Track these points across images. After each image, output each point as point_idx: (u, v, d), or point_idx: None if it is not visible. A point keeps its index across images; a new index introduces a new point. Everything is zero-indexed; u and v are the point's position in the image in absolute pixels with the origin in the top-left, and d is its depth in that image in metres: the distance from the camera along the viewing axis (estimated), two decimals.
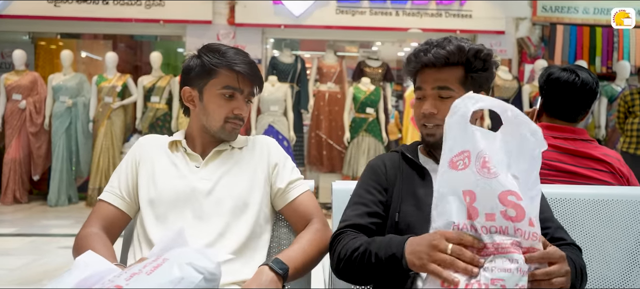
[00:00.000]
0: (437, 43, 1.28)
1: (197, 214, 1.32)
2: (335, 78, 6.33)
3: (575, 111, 1.73)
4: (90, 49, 6.99)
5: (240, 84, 1.38)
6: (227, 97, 1.38)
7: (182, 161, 1.41)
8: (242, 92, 1.39)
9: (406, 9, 5.97)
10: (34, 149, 5.90)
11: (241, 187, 1.37)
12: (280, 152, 1.48)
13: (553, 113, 1.76)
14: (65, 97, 5.76)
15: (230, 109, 1.38)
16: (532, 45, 6.02)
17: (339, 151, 6.16)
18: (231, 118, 1.39)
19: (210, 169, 1.39)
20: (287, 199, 1.42)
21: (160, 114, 5.77)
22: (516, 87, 5.68)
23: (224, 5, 5.96)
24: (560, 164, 1.67)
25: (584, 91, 1.70)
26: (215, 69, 1.37)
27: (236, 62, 1.37)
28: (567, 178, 1.65)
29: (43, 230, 4.68)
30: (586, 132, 1.74)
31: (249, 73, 1.38)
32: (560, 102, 1.73)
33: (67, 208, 5.72)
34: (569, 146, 1.68)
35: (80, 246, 1.27)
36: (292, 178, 1.44)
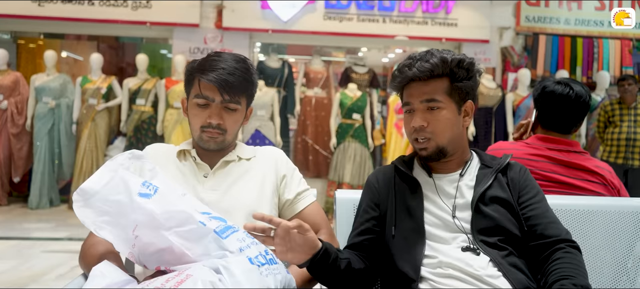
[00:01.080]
0: (420, 57, 1.32)
1: None
2: (322, 83, 6.36)
3: (569, 123, 1.79)
4: (74, 50, 6.89)
5: (208, 93, 1.35)
6: (201, 105, 1.37)
7: (190, 170, 1.41)
8: (214, 101, 1.36)
9: (393, 16, 6.03)
10: (15, 151, 5.79)
11: (249, 198, 1.38)
12: (288, 163, 1.49)
13: (548, 125, 1.81)
14: (48, 98, 5.67)
15: (204, 117, 1.37)
16: (515, 54, 6.13)
17: (325, 156, 6.19)
18: (205, 127, 1.37)
19: (218, 179, 1.39)
20: (295, 210, 1.44)
21: (145, 117, 5.72)
22: (500, 96, 5.78)
23: (212, 9, 5.94)
24: (555, 175, 1.72)
25: (578, 104, 1.76)
26: (191, 78, 1.39)
27: (203, 69, 1.35)
28: (561, 189, 1.70)
29: (24, 233, 4.60)
30: (579, 145, 1.80)
31: (217, 82, 1.32)
32: (554, 114, 1.78)
33: (49, 211, 5.62)
34: (563, 157, 1.74)
35: (88, 254, 1.26)
36: (300, 189, 1.46)
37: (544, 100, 1.81)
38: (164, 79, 5.75)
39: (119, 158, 1.18)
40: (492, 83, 5.88)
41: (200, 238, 1.03)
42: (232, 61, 1.37)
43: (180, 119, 5.57)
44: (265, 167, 1.45)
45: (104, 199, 1.09)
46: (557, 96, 1.77)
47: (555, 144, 1.77)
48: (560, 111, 1.77)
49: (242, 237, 1.07)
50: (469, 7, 6.07)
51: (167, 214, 1.05)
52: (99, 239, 1.29)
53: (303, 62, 7.12)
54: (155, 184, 1.11)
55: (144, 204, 1.06)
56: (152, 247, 1.06)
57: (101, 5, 5.78)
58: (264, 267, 1.02)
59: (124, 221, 1.08)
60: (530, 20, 6.21)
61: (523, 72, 5.80)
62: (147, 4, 5.81)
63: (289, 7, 5.91)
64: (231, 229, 1.07)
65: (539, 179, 1.73)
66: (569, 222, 1.59)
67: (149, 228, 1.05)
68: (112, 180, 1.10)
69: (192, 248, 1.02)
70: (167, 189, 1.12)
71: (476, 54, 6.17)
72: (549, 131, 1.81)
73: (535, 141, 1.80)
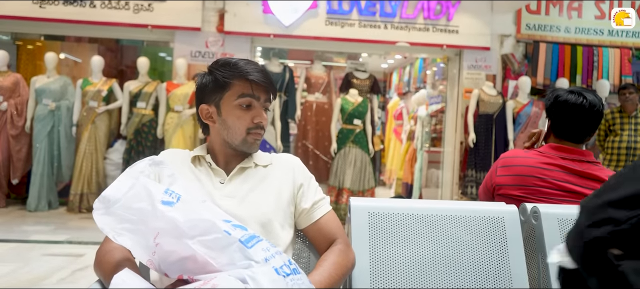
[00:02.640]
0: None
1: None
2: (323, 88, 6.37)
3: (583, 133, 1.79)
4: (75, 52, 6.87)
5: (255, 91, 1.37)
6: (244, 107, 1.38)
7: (206, 176, 1.40)
8: (259, 100, 1.39)
9: (394, 22, 6.05)
10: (14, 152, 5.76)
11: (266, 206, 1.37)
12: (305, 172, 1.49)
13: (561, 135, 1.81)
14: (48, 100, 5.65)
15: (250, 118, 1.38)
16: (516, 61, 6.16)
17: (325, 161, 6.19)
18: (252, 128, 1.38)
19: (235, 186, 1.38)
20: (312, 219, 1.43)
21: (146, 120, 5.71)
22: (500, 103, 5.80)
23: (214, 13, 5.94)
24: (568, 184, 1.72)
25: (591, 113, 1.76)
26: (229, 81, 1.37)
27: (248, 71, 1.37)
28: (574, 198, 1.71)
29: (23, 236, 4.56)
30: (592, 155, 1.80)
31: (263, 80, 1.38)
32: (568, 124, 1.79)
33: (47, 213, 5.58)
34: (576, 167, 1.74)
35: (104, 261, 1.25)
36: (317, 198, 1.45)
37: (557, 110, 1.81)
38: (165, 82, 5.75)
39: (139, 165, 1.18)
40: (493, 90, 5.90)
41: (225, 247, 1.02)
42: (255, 63, 1.43)
43: (181, 122, 5.56)
44: (282, 176, 1.44)
45: (126, 207, 1.08)
46: (570, 105, 1.78)
47: (569, 154, 1.77)
48: (574, 121, 1.77)
49: (266, 247, 1.06)
50: (470, 15, 6.09)
51: (190, 223, 1.04)
52: (115, 246, 1.28)
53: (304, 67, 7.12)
54: (177, 192, 1.10)
55: (167, 212, 1.05)
56: (174, 255, 1.06)
57: (103, 8, 5.77)
58: (289, 277, 1.01)
59: (145, 228, 1.07)
60: (530, 28, 6.24)
61: (523, 79, 5.83)
62: (149, 7, 5.80)
63: (290, 12, 5.91)
64: (255, 239, 1.06)
65: (552, 189, 1.73)
66: None
67: (171, 236, 1.04)
68: (133, 188, 1.09)
69: (217, 257, 1.02)
70: (189, 196, 1.12)
71: (477, 61, 6.19)
72: (563, 140, 1.82)
73: (548, 150, 1.80)
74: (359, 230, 1.51)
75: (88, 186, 5.71)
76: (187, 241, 1.03)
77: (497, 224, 1.55)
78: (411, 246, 1.50)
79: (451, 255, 1.51)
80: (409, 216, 1.53)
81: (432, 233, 1.52)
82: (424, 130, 6.90)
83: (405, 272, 1.47)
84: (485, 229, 1.54)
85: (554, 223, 1.56)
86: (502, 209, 1.58)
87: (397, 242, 1.50)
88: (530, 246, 1.62)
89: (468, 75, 6.21)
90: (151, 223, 1.06)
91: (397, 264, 1.48)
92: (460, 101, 6.21)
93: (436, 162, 6.81)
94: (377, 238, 1.50)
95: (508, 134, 5.77)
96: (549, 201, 1.72)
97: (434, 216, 1.54)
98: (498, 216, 1.56)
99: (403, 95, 9.00)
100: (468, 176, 5.92)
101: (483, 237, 1.53)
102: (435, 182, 6.84)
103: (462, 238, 1.53)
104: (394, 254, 1.49)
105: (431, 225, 1.53)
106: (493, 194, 1.88)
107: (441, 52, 6.37)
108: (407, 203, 1.60)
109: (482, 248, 1.52)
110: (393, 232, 1.51)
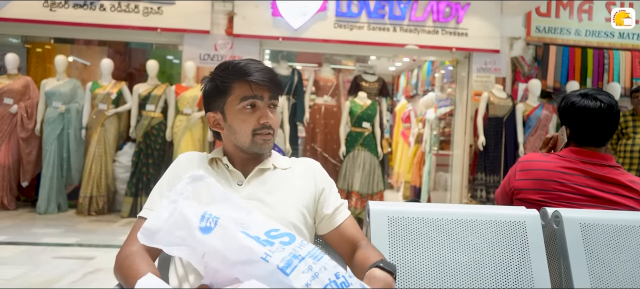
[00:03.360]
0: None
1: None
2: (332, 91, 6.36)
3: (604, 137, 1.76)
4: (84, 55, 6.89)
5: (257, 91, 1.34)
6: (248, 109, 1.35)
7: (223, 178, 1.39)
8: (262, 99, 1.35)
9: (403, 25, 6.03)
10: (24, 155, 5.78)
11: (286, 208, 1.35)
12: (326, 177, 1.47)
13: (582, 142, 1.78)
14: (58, 102, 5.67)
15: (255, 120, 1.35)
16: (525, 64, 6.13)
17: (333, 164, 6.17)
18: (258, 129, 1.35)
19: (253, 188, 1.37)
20: (334, 225, 1.41)
21: (155, 123, 5.71)
22: (510, 106, 5.77)
23: (223, 16, 5.95)
24: (589, 189, 1.70)
25: (611, 115, 1.74)
26: (229, 86, 1.35)
27: (247, 71, 1.33)
28: (595, 203, 1.68)
29: (34, 239, 4.57)
30: (613, 159, 1.77)
31: (263, 79, 1.33)
32: (589, 130, 1.75)
33: (57, 216, 5.60)
34: (597, 171, 1.71)
35: (124, 265, 1.24)
36: (338, 204, 1.44)
37: (575, 117, 1.78)
38: (174, 85, 5.75)
39: (179, 187, 1.13)
40: (503, 93, 5.87)
41: (266, 277, 0.97)
42: (257, 62, 1.38)
43: (190, 125, 5.56)
44: (303, 180, 1.42)
45: (168, 235, 1.05)
46: (589, 111, 1.75)
47: (589, 158, 1.74)
48: (594, 126, 1.74)
49: (310, 264, 0.99)
50: (480, 17, 6.07)
51: (229, 251, 1.00)
52: (136, 250, 1.27)
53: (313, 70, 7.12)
54: (214, 215, 1.05)
55: (206, 240, 1.01)
56: (221, 274, 1.04)
57: (112, 11, 5.79)
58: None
59: (192, 249, 1.05)
60: (540, 31, 6.21)
61: (533, 82, 5.80)
62: (158, 10, 5.82)
63: (299, 14, 5.91)
64: (297, 259, 0.99)
65: (572, 193, 1.71)
66: (603, 237, 1.57)
67: (215, 260, 1.02)
68: (172, 215, 1.05)
69: (261, 284, 0.98)
70: (228, 217, 1.06)
71: (486, 64, 6.17)
72: (583, 146, 1.79)
73: (568, 154, 1.78)
74: (378, 234, 1.49)
75: (97, 189, 5.72)
76: (230, 269, 1.00)
77: (518, 229, 1.53)
78: (431, 250, 1.48)
79: (472, 260, 1.49)
80: (429, 221, 1.52)
81: (452, 237, 1.51)
82: (432, 133, 6.87)
83: (425, 276, 1.45)
84: (506, 234, 1.52)
85: (576, 227, 1.54)
86: (523, 214, 1.56)
87: (417, 246, 1.48)
88: (550, 251, 1.60)
89: (477, 78, 6.18)
90: (195, 247, 1.04)
91: (418, 268, 1.46)
92: (470, 104, 6.19)
93: (445, 165, 6.79)
94: (397, 242, 1.48)
95: (518, 137, 5.73)
96: (569, 206, 1.69)
97: (453, 221, 1.53)
98: (519, 221, 1.54)
99: (411, 98, 8.98)
100: (477, 179, 5.89)
101: (504, 242, 1.51)
102: (443, 185, 6.81)
103: (482, 242, 1.52)
104: (414, 259, 1.47)
105: (451, 229, 1.51)
106: (511, 198, 1.86)
107: (450, 54, 6.35)
108: (427, 208, 1.59)
109: (503, 253, 1.50)
110: (413, 236, 1.50)
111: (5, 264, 3.78)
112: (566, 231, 1.53)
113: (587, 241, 1.55)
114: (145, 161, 5.67)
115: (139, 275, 1.13)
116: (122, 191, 5.85)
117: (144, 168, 5.66)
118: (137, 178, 5.66)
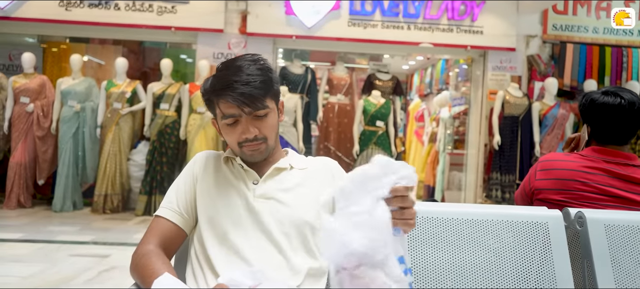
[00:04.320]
0: None
1: (257, 234, 1.28)
2: (345, 90, 6.33)
3: (626, 134, 1.72)
4: (99, 54, 6.95)
5: (233, 111, 1.28)
6: (231, 125, 1.32)
7: (239, 177, 1.37)
8: (243, 114, 1.29)
9: (418, 23, 5.99)
10: (40, 153, 5.84)
11: (303, 209, 1.32)
12: (344, 176, 1.45)
13: (603, 140, 1.74)
14: (73, 101, 5.71)
15: (238, 134, 1.32)
16: (542, 63, 6.04)
17: (347, 163, 6.14)
18: (242, 143, 1.33)
19: (269, 187, 1.35)
20: None
21: (169, 122, 5.73)
22: (526, 104, 5.70)
23: (236, 15, 5.95)
24: (612, 189, 1.65)
25: (632, 112, 1.69)
26: (209, 102, 1.34)
27: (222, 88, 1.28)
28: (619, 203, 1.64)
29: (50, 236, 4.61)
30: (637, 158, 1.73)
31: (234, 99, 1.25)
32: (610, 128, 1.72)
33: (72, 214, 5.65)
34: (620, 171, 1.67)
35: (141, 264, 1.23)
36: None
37: (596, 115, 1.74)
38: (188, 84, 5.77)
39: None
40: (519, 92, 5.80)
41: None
42: (242, 68, 1.29)
43: (204, 124, 5.57)
44: (321, 180, 1.39)
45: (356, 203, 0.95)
46: (609, 107, 1.71)
47: (613, 157, 1.70)
48: (616, 124, 1.70)
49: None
50: (495, 15, 6.00)
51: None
52: (152, 249, 1.26)
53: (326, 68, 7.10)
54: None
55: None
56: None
57: (126, 10, 5.82)
58: None
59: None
60: (557, 29, 6.12)
61: (550, 81, 5.72)
62: (172, 9, 5.84)
63: (313, 13, 5.90)
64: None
65: (595, 193, 1.67)
66: (627, 238, 1.52)
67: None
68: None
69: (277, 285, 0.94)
70: None
71: (502, 62, 6.10)
72: (605, 144, 1.75)
73: (590, 153, 1.74)
74: None
75: (112, 187, 5.76)
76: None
77: (541, 230, 1.49)
78: (451, 250, 1.45)
79: (492, 261, 1.46)
80: (447, 220, 1.49)
81: (472, 238, 1.47)
82: (446, 132, 6.82)
83: (445, 277, 1.42)
84: (528, 235, 1.49)
85: (601, 228, 1.50)
86: (545, 214, 1.52)
87: (435, 246, 1.46)
88: (572, 253, 1.56)
89: (493, 76, 6.11)
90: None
91: (436, 269, 1.43)
92: (485, 103, 6.12)
93: (459, 164, 6.73)
94: (415, 242, 1.45)
95: (534, 137, 5.66)
96: (592, 206, 1.65)
97: (473, 221, 1.49)
98: (541, 222, 1.50)
99: (425, 96, 8.92)
100: (493, 179, 5.82)
101: (525, 243, 1.48)
102: (457, 184, 6.75)
103: (503, 243, 1.48)
104: (433, 259, 1.44)
105: (471, 230, 1.48)
106: (531, 198, 1.82)
107: (465, 53, 6.29)
108: (445, 207, 1.56)
109: (524, 255, 1.47)
110: (431, 236, 1.47)
111: (21, 261, 3.81)
112: (590, 232, 1.49)
113: (611, 242, 1.50)
114: (160, 160, 5.70)
115: (156, 275, 1.12)
116: (136, 189, 5.88)
117: (158, 166, 5.69)
118: (152, 177, 5.68)
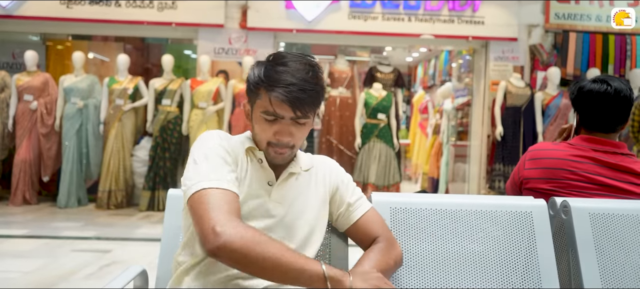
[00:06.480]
0: None
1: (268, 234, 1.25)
2: (347, 83, 6.32)
3: (612, 122, 1.71)
4: (101, 51, 6.99)
5: (278, 109, 1.22)
6: (268, 120, 1.26)
7: (257, 174, 1.32)
8: (283, 118, 1.24)
9: (418, 14, 5.96)
10: (45, 150, 5.89)
11: (311, 212, 1.34)
12: (340, 173, 1.44)
13: (591, 127, 1.74)
14: (76, 98, 5.76)
15: (273, 132, 1.26)
16: (544, 52, 6.00)
17: (349, 156, 6.15)
18: (273, 143, 1.27)
19: (283, 192, 1.32)
20: (351, 221, 1.39)
21: (171, 117, 5.76)
22: (529, 95, 5.66)
23: (237, 9, 5.95)
24: (600, 177, 1.64)
25: (618, 100, 1.68)
26: (256, 89, 1.27)
27: (272, 83, 1.22)
28: (607, 192, 1.63)
29: (54, 232, 4.66)
30: (626, 146, 1.72)
31: (289, 101, 1.20)
32: (596, 115, 1.71)
33: (77, 210, 5.70)
34: (608, 159, 1.66)
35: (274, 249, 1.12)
36: (353, 200, 1.41)
37: (582, 101, 1.73)
38: (189, 79, 5.79)
39: None
40: (521, 82, 5.76)
41: None
42: (302, 72, 1.23)
43: (206, 119, 5.60)
44: (322, 180, 1.41)
45: None
46: (595, 94, 1.70)
47: (601, 145, 1.69)
48: (602, 110, 1.69)
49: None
50: (497, 5, 5.95)
51: None
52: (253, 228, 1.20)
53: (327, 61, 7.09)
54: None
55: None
56: None
57: (128, 7, 5.84)
58: None
59: None
60: (559, 18, 6.06)
61: (552, 70, 5.67)
62: (173, 5, 5.85)
63: (313, 6, 5.88)
64: None
65: (583, 182, 1.66)
66: (612, 226, 1.51)
67: None
68: None
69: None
70: None
71: (504, 53, 6.06)
72: (594, 132, 1.74)
73: (579, 142, 1.73)
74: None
75: (116, 183, 5.80)
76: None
77: (525, 219, 1.49)
78: (435, 241, 1.46)
79: (476, 251, 1.46)
80: (432, 211, 1.49)
81: (456, 228, 1.47)
82: (449, 124, 6.79)
83: (429, 268, 1.42)
84: (512, 224, 1.49)
85: (585, 217, 1.50)
86: (530, 204, 1.52)
87: (420, 237, 1.46)
88: (559, 242, 1.56)
89: (495, 67, 6.08)
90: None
91: (421, 260, 1.43)
92: (487, 94, 6.09)
93: (463, 156, 6.70)
94: (400, 233, 1.45)
95: (537, 127, 5.62)
96: (580, 195, 1.65)
97: (457, 211, 1.49)
98: (526, 211, 1.49)
99: (428, 88, 8.88)
100: (496, 169, 5.80)
101: (510, 233, 1.48)
102: (461, 176, 6.73)
103: (487, 233, 1.48)
104: (417, 250, 1.44)
105: (455, 220, 1.48)
106: (520, 188, 1.82)
107: (467, 43, 6.25)
108: (430, 198, 1.56)
109: (509, 244, 1.46)
110: (416, 227, 1.47)
111: (24, 257, 3.86)
112: (575, 221, 1.49)
113: (596, 231, 1.50)
114: (162, 155, 5.73)
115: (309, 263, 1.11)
116: (140, 185, 5.92)
117: (160, 162, 5.72)
118: (155, 172, 5.72)
